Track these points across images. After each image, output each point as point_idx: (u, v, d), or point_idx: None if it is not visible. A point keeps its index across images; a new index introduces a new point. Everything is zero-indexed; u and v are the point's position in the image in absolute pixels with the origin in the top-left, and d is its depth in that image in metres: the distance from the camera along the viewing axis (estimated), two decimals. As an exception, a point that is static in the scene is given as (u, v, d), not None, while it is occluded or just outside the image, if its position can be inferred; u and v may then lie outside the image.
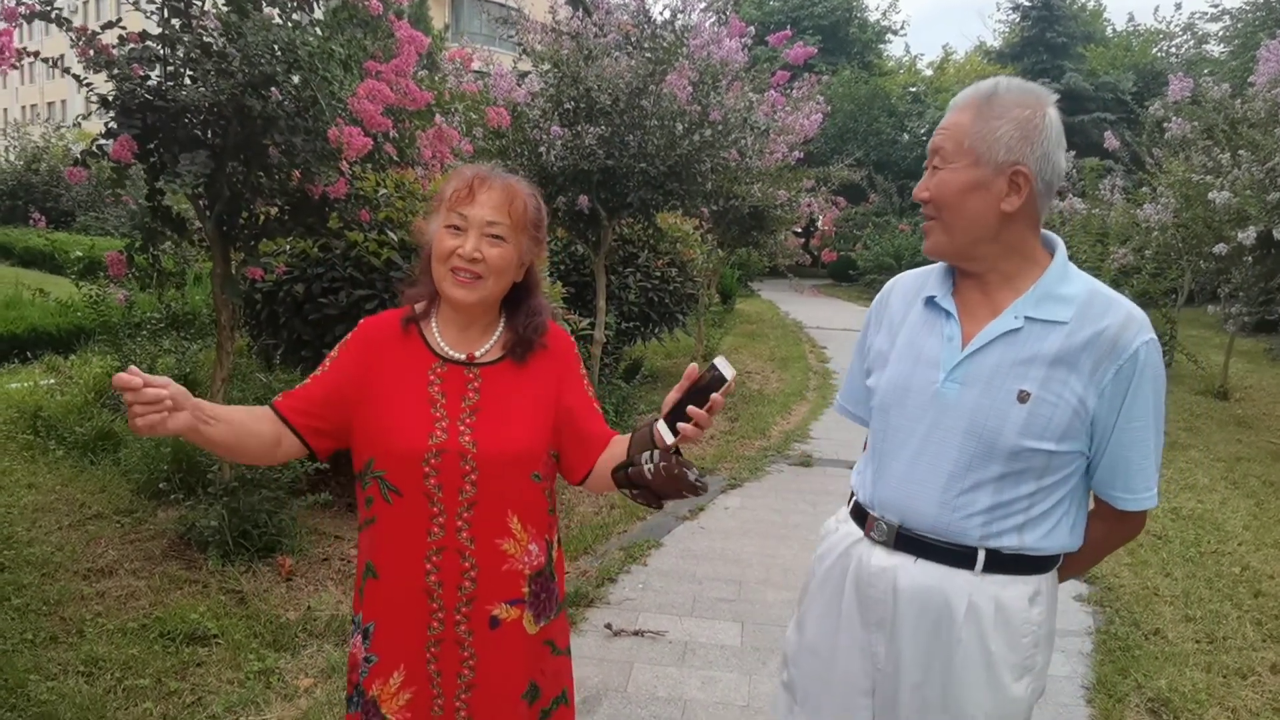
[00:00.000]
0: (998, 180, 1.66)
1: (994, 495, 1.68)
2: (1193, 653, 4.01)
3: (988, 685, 1.71)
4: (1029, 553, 1.70)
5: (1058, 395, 1.65)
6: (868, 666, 1.82)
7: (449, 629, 1.82)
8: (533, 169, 6.86)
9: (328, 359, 1.91)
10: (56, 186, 23.45)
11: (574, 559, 4.77)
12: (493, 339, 1.91)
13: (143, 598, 3.99)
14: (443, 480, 1.79)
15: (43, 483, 5.36)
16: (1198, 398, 10.10)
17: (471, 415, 1.83)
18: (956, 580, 1.71)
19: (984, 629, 1.69)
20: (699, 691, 3.53)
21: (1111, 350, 1.64)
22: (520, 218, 1.84)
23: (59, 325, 9.09)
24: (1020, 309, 1.70)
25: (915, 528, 1.74)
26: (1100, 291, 1.71)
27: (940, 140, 1.72)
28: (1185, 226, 10.11)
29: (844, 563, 1.85)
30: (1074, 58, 27.98)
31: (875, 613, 1.79)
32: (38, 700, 3.15)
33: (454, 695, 1.84)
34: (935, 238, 1.75)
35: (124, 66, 3.74)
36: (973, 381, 1.70)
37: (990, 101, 1.69)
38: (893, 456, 1.79)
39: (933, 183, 1.72)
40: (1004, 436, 1.65)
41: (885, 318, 1.92)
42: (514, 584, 1.85)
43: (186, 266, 6.77)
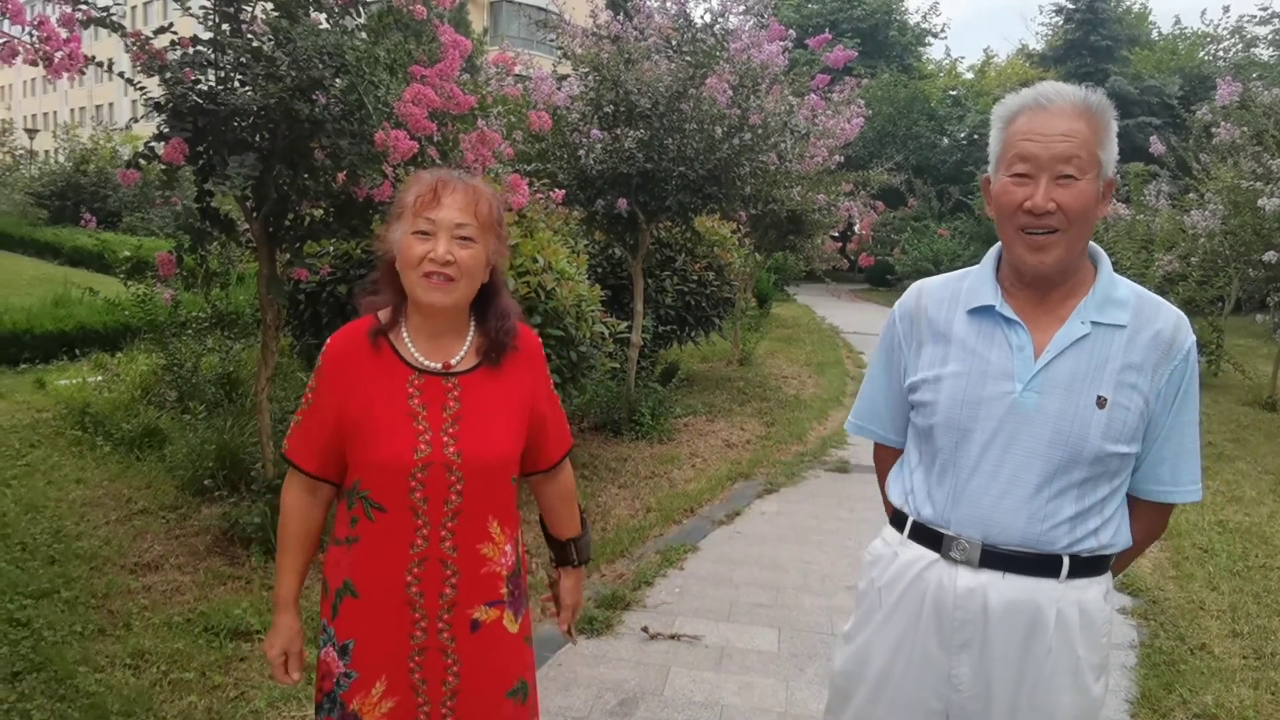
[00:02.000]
0: (1104, 191, 1.69)
1: (1077, 502, 1.69)
2: (1239, 668, 3.93)
3: (1075, 690, 1.73)
4: (1102, 553, 1.73)
5: (1129, 399, 1.68)
6: (943, 690, 1.78)
7: (432, 637, 1.83)
8: (572, 172, 6.89)
9: (310, 391, 1.89)
10: (104, 187, 23.90)
11: (610, 562, 4.78)
12: (465, 345, 1.90)
13: (188, 592, 4.06)
14: (429, 493, 1.80)
15: (90, 478, 5.47)
16: (1245, 408, 9.91)
17: (454, 425, 1.83)
18: (1044, 590, 1.70)
19: (1072, 635, 1.71)
20: (735, 697, 3.53)
21: (1168, 352, 1.69)
22: (486, 218, 1.84)
23: (106, 323, 9.27)
24: (1085, 314, 1.70)
25: (1002, 543, 1.71)
26: (1144, 294, 1.74)
27: (1071, 149, 1.63)
28: (1233, 233, 9.94)
29: (920, 587, 1.78)
30: (1119, 61, 27.59)
31: (961, 635, 1.74)
32: (86, 691, 3.22)
33: (440, 702, 1.85)
34: (1058, 252, 1.66)
35: (176, 71, 3.82)
36: (1051, 390, 1.68)
37: (1098, 110, 1.67)
38: (970, 472, 1.74)
39: (1067, 194, 1.63)
40: (1089, 443, 1.66)
41: (922, 331, 1.86)
42: (493, 586, 1.88)
43: (231, 267, 6.91)
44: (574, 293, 5.55)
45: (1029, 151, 1.65)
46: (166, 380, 6.84)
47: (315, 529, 1.94)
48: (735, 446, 7.46)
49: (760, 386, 10.07)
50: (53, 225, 22.47)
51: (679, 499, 5.86)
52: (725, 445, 7.46)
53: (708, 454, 7.13)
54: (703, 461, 6.90)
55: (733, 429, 8.02)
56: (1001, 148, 1.72)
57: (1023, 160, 1.66)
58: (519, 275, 5.17)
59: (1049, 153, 1.63)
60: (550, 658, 3.73)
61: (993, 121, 1.76)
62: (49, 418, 6.60)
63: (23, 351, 8.75)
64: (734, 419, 8.42)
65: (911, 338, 1.89)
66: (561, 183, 6.71)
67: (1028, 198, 1.65)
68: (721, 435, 7.76)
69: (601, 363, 6.23)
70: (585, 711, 3.36)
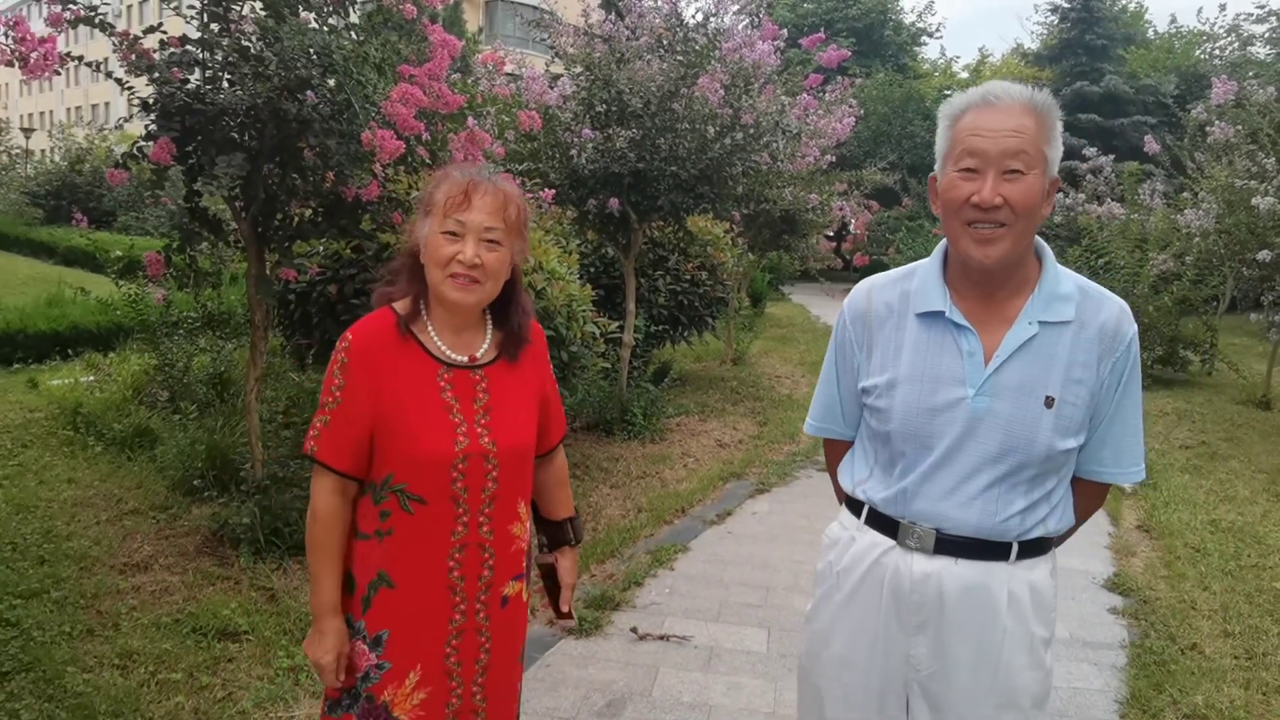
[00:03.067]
0: (1049, 189, 1.71)
1: (1027, 496, 1.75)
2: (1230, 669, 3.93)
3: (1031, 665, 1.79)
4: (1049, 534, 1.80)
5: (1076, 395, 1.73)
6: (902, 670, 1.84)
7: (470, 619, 1.91)
8: (564, 171, 6.88)
9: (335, 389, 1.85)
10: (99, 187, 23.90)
11: (600, 562, 4.77)
12: (487, 339, 1.97)
13: (176, 593, 4.05)
14: (469, 483, 1.86)
15: (81, 478, 5.46)
16: (1239, 408, 9.91)
17: (485, 416, 1.90)
18: (996, 572, 1.76)
19: (1025, 613, 1.77)
20: (724, 698, 3.52)
21: (1112, 343, 1.74)
22: (514, 221, 1.88)
23: (99, 323, 9.24)
24: (1032, 314, 1.73)
25: (956, 532, 1.76)
26: (1087, 287, 1.78)
27: (1018, 144, 1.64)
28: (1228, 232, 9.94)
29: (877, 573, 1.84)
30: (1114, 60, 27.58)
31: (917, 617, 1.79)
32: (74, 692, 3.21)
33: (472, 681, 1.92)
34: (1004, 246, 1.68)
35: (164, 70, 3.81)
36: (1002, 394, 1.72)
37: (1045, 108, 1.69)
38: (925, 473, 1.78)
39: (1014, 189, 1.65)
40: (1039, 442, 1.71)
41: (872, 333, 1.88)
42: (518, 562, 1.99)
43: (222, 267, 6.88)
44: (565, 292, 5.54)
45: (977, 147, 1.66)
46: (158, 380, 6.83)
47: (348, 529, 1.92)
48: (727, 446, 7.45)
49: (753, 386, 10.07)
50: (47, 225, 22.44)
51: (670, 499, 5.86)
52: (717, 445, 7.45)
53: (700, 454, 7.13)
54: (695, 461, 6.90)
55: (725, 429, 8.02)
56: (949, 144, 1.73)
57: (971, 155, 1.67)
58: (510, 275, 5.16)
59: (997, 148, 1.65)
60: (539, 658, 3.72)
61: (940, 119, 1.77)
62: (41, 418, 6.58)
63: (16, 351, 8.73)
64: (726, 419, 8.42)
65: (863, 340, 1.91)
66: (554, 182, 6.71)
67: (975, 192, 1.66)
68: (714, 435, 7.76)
69: (593, 363, 6.23)
70: (573, 712, 3.35)
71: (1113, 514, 6.03)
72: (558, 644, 3.86)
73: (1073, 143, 23.29)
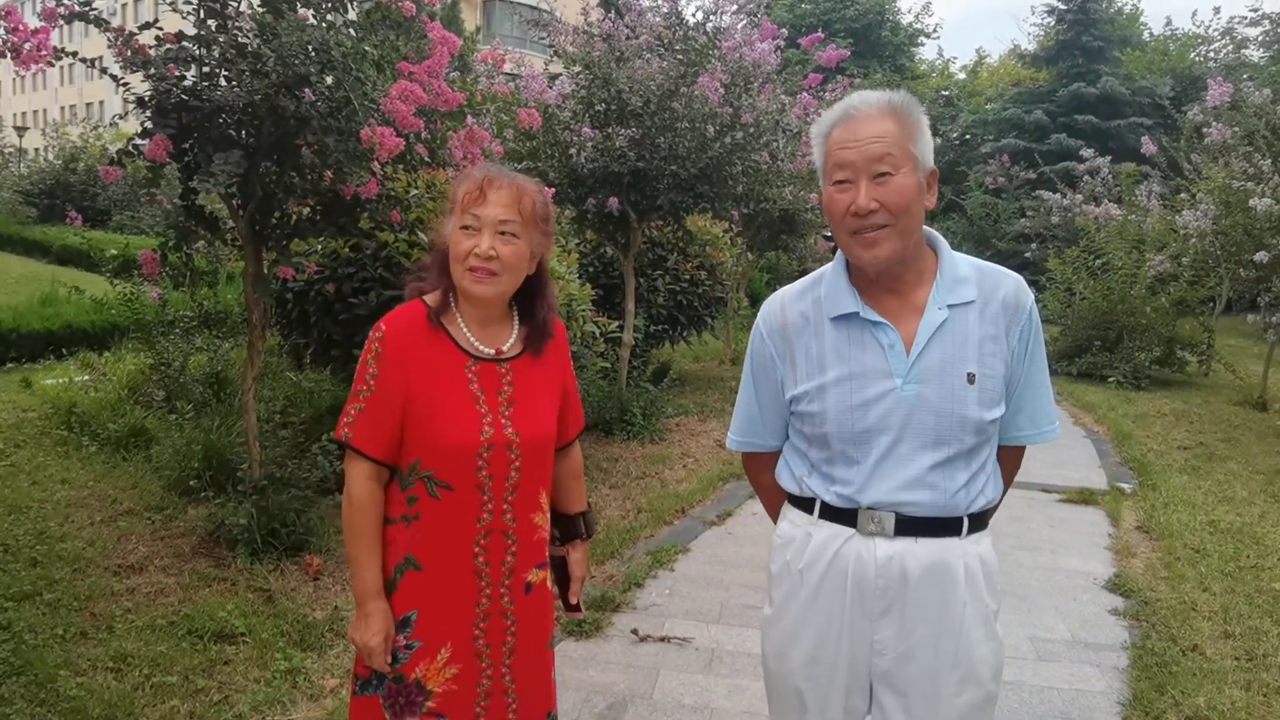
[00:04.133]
0: (925, 181, 1.80)
1: (967, 467, 1.84)
2: (1231, 670, 3.92)
3: (987, 637, 1.87)
4: (989, 507, 1.90)
5: (992, 368, 1.83)
6: (866, 657, 1.87)
7: (495, 603, 1.97)
8: (563, 171, 6.86)
9: (370, 377, 1.92)
10: (94, 186, 23.77)
11: (600, 563, 4.75)
12: (514, 333, 2.03)
13: (172, 594, 4.01)
14: (493, 471, 1.93)
15: (76, 478, 5.42)
16: (1236, 409, 9.91)
17: (509, 408, 1.97)
18: (951, 548, 1.84)
19: (978, 586, 1.86)
20: (725, 700, 3.50)
21: (1015, 314, 1.85)
22: (530, 214, 1.93)
23: (94, 322, 9.19)
24: (939, 299, 1.83)
25: (912, 512, 1.82)
26: (983, 266, 1.89)
27: (881, 148, 1.74)
28: (1224, 234, 9.95)
29: (839, 564, 1.86)
30: (1110, 62, 27.62)
31: (881, 602, 1.83)
32: (67, 696, 3.17)
33: (500, 662, 1.98)
34: (890, 245, 1.77)
35: (160, 66, 3.77)
36: (927, 378, 1.80)
37: (905, 109, 1.78)
38: (872, 465, 1.83)
39: (886, 191, 1.74)
40: (969, 417, 1.80)
41: (792, 343, 1.93)
42: (541, 550, 2.06)
43: (219, 266, 6.85)
44: (564, 292, 5.52)
45: (845, 159, 1.77)
46: (154, 380, 6.78)
47: (382, 515, 1.97)
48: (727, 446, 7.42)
49: (752, 386, 10.03)
50: (41, 223, 22.35)
51: (670, 499, 5.83)
52: (717, 445, 7.43)
53: (699, 454, 7.11)
54: (694, 462, 6.88)
55: (725, 429, 7.89)
56: (822, 162, 1.84)
57: (841, 168, 1.78)
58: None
59: (863, 156, 1.75)
60: (539, 660, 3.69)
61: (813, 141, 1.88)
62: (35, 418, 6.54)
63: (9, 351, 8.68)
64: (726, 419, 8.33)
65: (784, 352, 1.95)
66: (553, 181, 6.68)
67: (851, 201, 1.76)
68: (713, 435, 7.73)
69: (592, 362, 6.21)
70: (574, 715, 3.32)
71: (1113, 515, 6.02)
72: (558, 645, 3.82)
73: (1069, 143, 23.44)
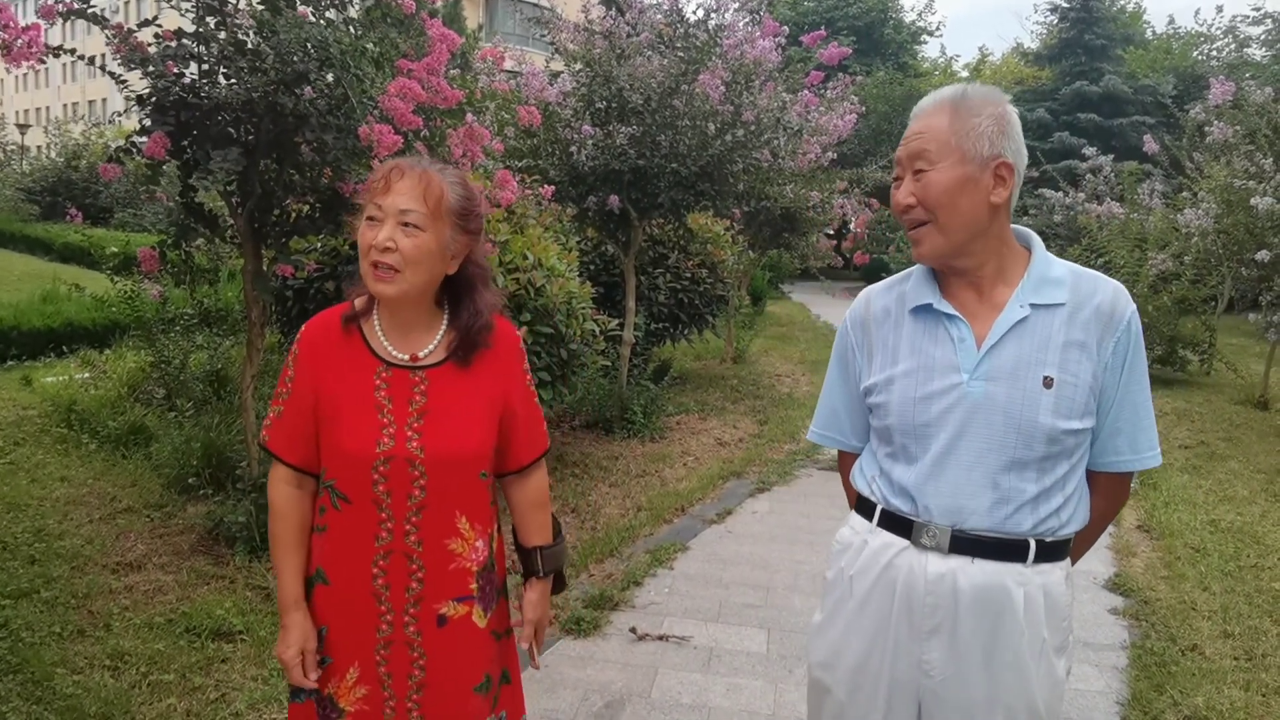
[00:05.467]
0: (984, 175, 1.71)
1: (1037, 482, 1.73)
2: (1231, 670, 3.91)
3: (1045, 672, 1.77)
4: (1064, 535, 1.77)
5: (1075, 375, 1.72)
6: (914, 676, 1.81)
7: (398, 630, 1.83)
8: (564, 168, 6.85)
9: (288, 380, 1.88)
10: (95, 183, 23.79)
11: (599, 561, 4.74)
12: (436, 338, 1.88)
13: (170, 592, 4.01)
14: (391, 487, 1.79)
15: (75, 476, 5.42)
16: (1237, 408, 9.89)
17: (419, 420, 1.81)
18: (1012, 574, 1.74)
19: (1038, 618, 1.75)
20: (724, 699, 3.49)
21: (1110, 324, 1.74)
22: (437, 205, 1.77)
23: (94, 320, 9.19)
24: (1023, 297, 1.75)
25: (971, 528, 1.74)
26: (1080, 271, 1.79)
27: (919, 145, 1.72)
28: (1226, 232, 9.92)
29: (890, 575, 1.81)
30: (1113, 60, 27.61)
31: (931, 620, 1.77)
32: (63, 694, 3.17)
33: (405, 696, 1.85)
34: (931, 242, 1.75)
35: (158, 64, 3.76)
36: (998, 376, 1.73)
37: (963, 101, 1.73)
38: (933, 464, 1.77)
39: (918, 187, 1.72)
40: (1040, 423, 1.70)
41: (872, 336, 1.91)
42: (462, 582, 1.87)
43: (220, 263, 6.85)
44: (564, 290, 5.50)
45: (897, 157, 1.79)
46: (154, 378, 6.79)
47: (309, 522, 1.90)
48: (728, 445, 7.42)
49: (754, 384, 10.04)
50: (43, 221, 22.36)
51: (670, 498, 5.83)
52: (717, 444, 7.42)
53: (700, 452, 7.10)
54: (695, 460, 6.87)
55: (725, 427, 7.98)
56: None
57: (895, 164, 1.80)
58: (508, 272, 5.13)
59: (906, 152, 1.76)
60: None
61: None
62: (34, 415, 6.54)
63: (9, 348, 8.68)
64: (727, 417, 8.39)
65: (863, 344, 1.93)
66: (553, 179, 6.67)
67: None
68: (714, 433, 7.72)
69: (593, 360, 6.19)
70: (571, 714, 3.31)
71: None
72: (556, 644, 3.83)
73: (1072, 142, 23.42)
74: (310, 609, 1.87)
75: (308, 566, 1.88)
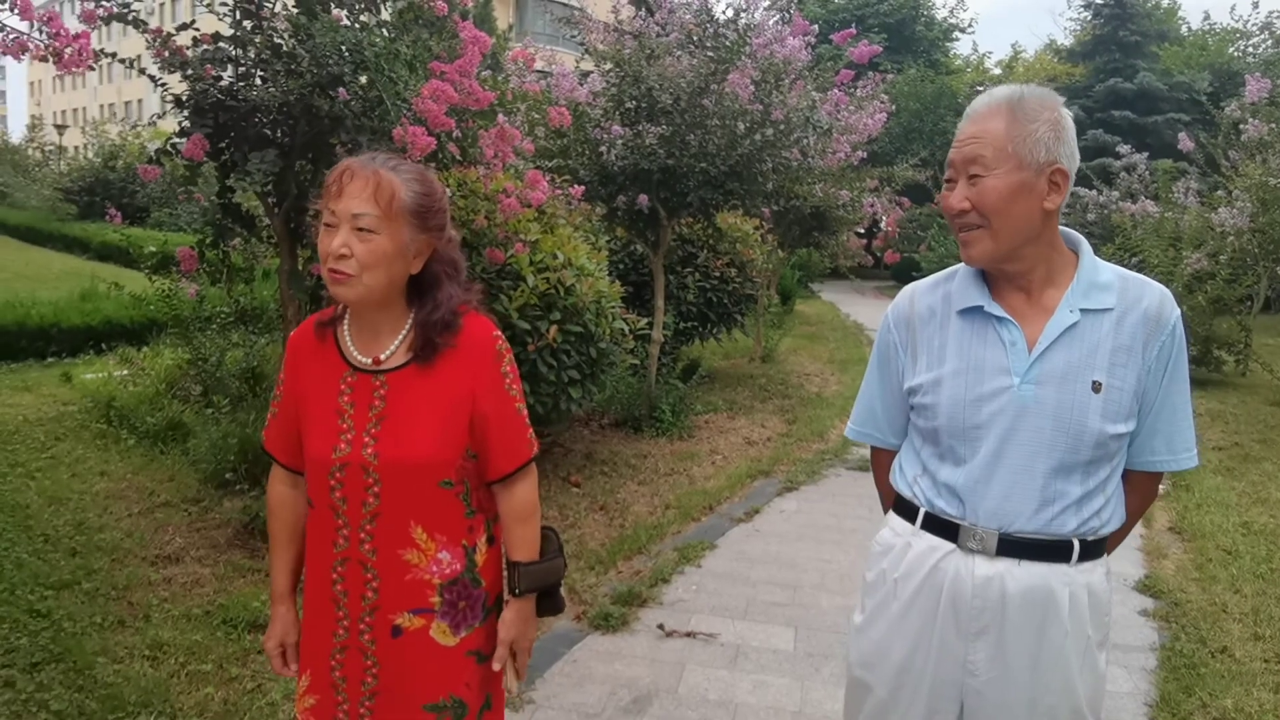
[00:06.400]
0: (1040, 181, 1.71)
1: (1082, 484, 1.76)
2: (1260, 672, 3.88)
3: (1087, 668, 1.81)
4: (1105, 534, 1.81)
5: (1122, 379, 1.74)
6: (958, 676, 1.83)
7: (353, 637, 1.82)
8: (593, 168, 6.90)
9: (280, 383, 1.92)
10: (132, 183, 24.19)
11: (627, 559, 4.78)
12: (397, 340, 1.82)
13: (207, 585, 4.09)
14: (347, 493, 1.77)
15: (114, 470, 5.54)
16: (1272, 409, 9.77)
17: (376, 425, 1.77)
18: (1057, 575, 1.77)
19: (1083, 616, 1.78)
20: (750, 695, 3.52)
21: (1156, 328, 1.76)
22: (388, 205, 1.70)
23: (132, 318, 9.37)
24: (1072, 302, 1.76)
25: (1017, 531, 1.76)
26: (1127, 275, 1.81)
27: (975, 149, 1.72)
28: (1262, 231, 9.81)
29: (936, 578, 1.83)
30: (1147, 57, 27.27)
31: (978, 622, 1.79)
32: (104, 682, 3.25)
33: (358, 702, 1.84)
34: (982, 246, 1.75)
35: (197, 67, 3.84)
36: (1048, 380, 1.74)
37: (1020, 106, 1.72)
38: (980, 466, 1.79)
39: (974, 192, 1.72)
40: (1089, 427, 1.72)
41: (916, 335, 1.91)
42: (419, 594, 1.80)
43: (255, 263, 6.95)
44: (594, 289, 5.54)
45: (950, 158, 1.78)
46: (191, 374, 6.91)
47: (302, 521, 1.92)
48: (756, 444, 7.44)
49: (782, 384, 10.04)
50: (81, 220, 22.76)
51: (698, 496, 5.86)
52: (746, 443, 7.44)
53: (728, 451, 7.12)
54: (723, 459, 6.89)
55: (753, 426, 8.00)
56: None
57: (949, 166, 1.79)
58: (539, 271, 5.18)
59: (961, 156, 1.75)
60: (565, 653, 3.73)
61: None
62: (75, 411, 6.68)
63: (50, 345, 8.87)
64: (755, 416, 8.40)
65: (907, 343, 1.93)
66: (583, 179, 6.72)
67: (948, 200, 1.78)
68: (742, 432, 7.74)
69: (622, 359, 6.23)
70: (599, 708, 3.36)
71: (1145, 516, 5.96)
72: (584, 639, 3.87)
73: (1106, 139, 23.17)
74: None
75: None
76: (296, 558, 1.96)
